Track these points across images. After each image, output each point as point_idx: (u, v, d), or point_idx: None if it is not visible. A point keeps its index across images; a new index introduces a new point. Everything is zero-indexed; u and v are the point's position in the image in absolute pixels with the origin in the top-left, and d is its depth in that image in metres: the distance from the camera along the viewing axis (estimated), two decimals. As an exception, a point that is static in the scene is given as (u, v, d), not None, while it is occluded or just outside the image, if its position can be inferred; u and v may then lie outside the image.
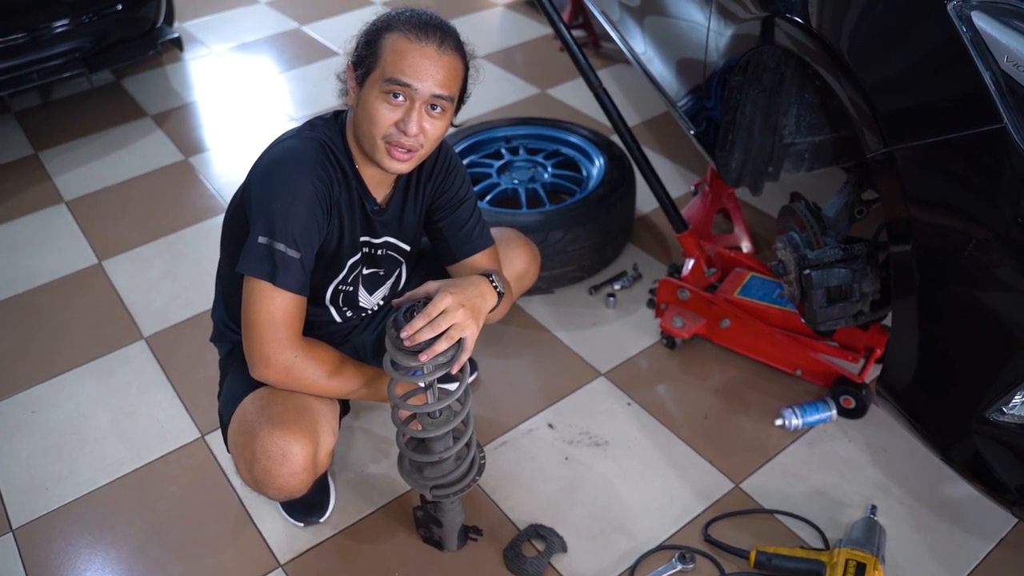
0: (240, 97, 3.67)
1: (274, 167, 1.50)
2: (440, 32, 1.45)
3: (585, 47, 3.86)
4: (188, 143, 3.32)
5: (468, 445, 1.64)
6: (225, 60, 3.98)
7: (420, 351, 1.42)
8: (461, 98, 1.55)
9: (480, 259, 1.74)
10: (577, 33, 3.89)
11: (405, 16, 1.45)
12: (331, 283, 1.66)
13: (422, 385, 1.52)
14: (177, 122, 3.48)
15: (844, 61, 1.48)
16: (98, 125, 3.46)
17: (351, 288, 1.69)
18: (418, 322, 1.41)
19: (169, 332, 2.40)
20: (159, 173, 3.14)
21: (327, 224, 1.54)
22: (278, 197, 1.47)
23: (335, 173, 1.54)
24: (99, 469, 2.01)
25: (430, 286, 1.49)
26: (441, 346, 1.42)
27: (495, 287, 1.59)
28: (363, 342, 1.84)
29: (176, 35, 3.62)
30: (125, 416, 2.15)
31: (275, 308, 1.48)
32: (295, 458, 1.51)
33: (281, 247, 1.45)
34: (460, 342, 1.46)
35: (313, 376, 1.55)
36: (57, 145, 3.34)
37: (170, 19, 3.67)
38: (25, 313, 2.51)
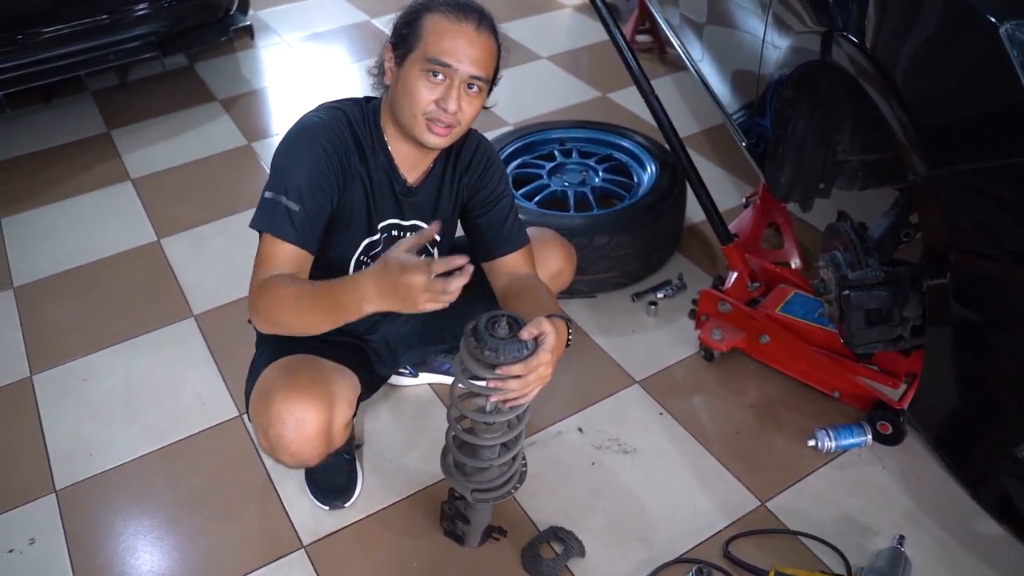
0: (307, 86, 3.75)
1: (291, 136, 1.58)
2: (478, 14, 1.50)
3: (651, 52, 3.84)
4: (252, 129, 3.41)
5: (515, 456, 1.64)
6: (295, 49, 4.07)
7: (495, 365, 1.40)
8: (494, 80, 1.58)
9: (516, 258, 1.75)
10: (643, 38, 3.88)
11: None
12: (352, 256, 1.70)
13: (486, 398, 1.50)
14: (244, 108, 3.57)
15: (894, 81, 1.45)
16: (168, 107, 3.58)
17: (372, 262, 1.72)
18: (516, 369, 1.39)
19: (218, 312, 2.47)
20: (222, 156, 3.23)
21: (341, 188, 1.57)
22: (286, 157, 1.54)
23: (353, 144, 1.58)
24: (140, 440, 2.08)
25: (545, 326, 1.43)
26: (511, 395, 1.42)
27: (569, 338, 1.58)
28: (393, 332, 1.87)
29: (248, 23, 3.72)
30: (169, 390, 2.22)
31: (268, 255, 1.51)
32: (308, 425, 1.55)
33: (283, 199, 1.50)
34: None
35: (279, 297, 1.48)
36: (128, 124, 3.47)
37: (244, 8, 3.77)
38: (85, 284, 2.62)
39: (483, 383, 1.41)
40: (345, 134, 1.57)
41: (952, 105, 1.37)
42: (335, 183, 1.56)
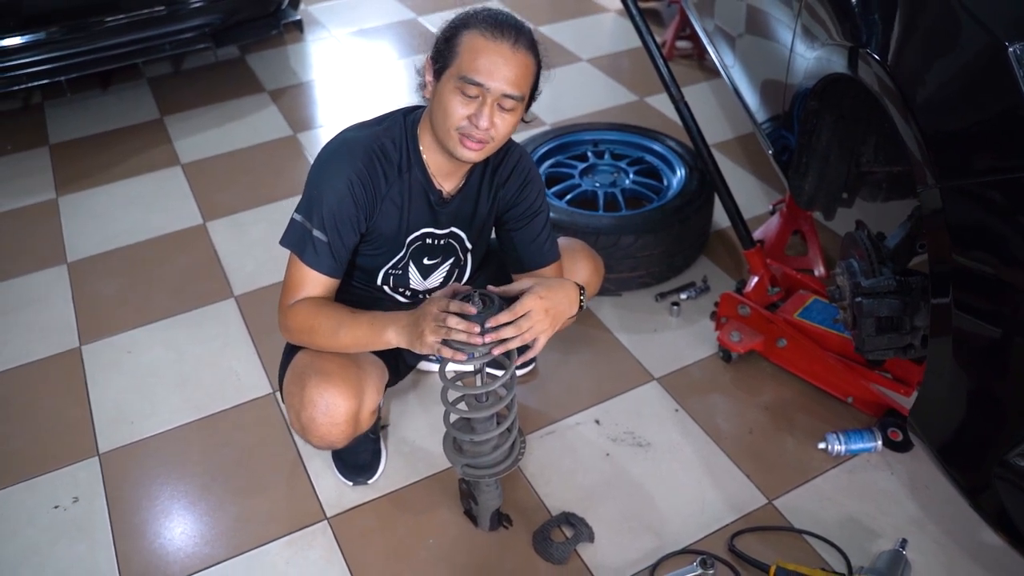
0: (353, 80, 3.86)
1: (325, 156, 1.64)
2: (514, 31, 1.51)
3: (690, 58, 3.89)
4: (298, 120, 3.52)
5: (509, 430, 1.71)
6: (344, 44, 4.19)
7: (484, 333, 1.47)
8: (532, 95, 1.60)
9: (546, 272, 1.82)
10: (683, 44, 3.93)
11: (482, 15, 1.53)
12: (383, 266, 1.78)
13: (472, 368, 1.60)
14: (291, 99, 3.69)
15: (909, 97, 1.49)
16: (219, 96, 3.72)
17: (400, 272, 1.81)
18: (503, 317, 1.48)
19: (257, 294, 2.58)
20: (268, 146, 3.36)
21: (368, 215, 1.64)
22: (317, 184, 1.61)
23: (388, 168, 1.63)
24: (179, 410, 2.20)
25: (524, 284, 1.56)
26: (514, 343, 1.50)
27: (581, 301, 1.65)
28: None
29: (298, 18, 3.84)
30: (208, 366, 2.34)
31: (298, 280, 1.65)
32: (337, 410, 1.64)
33: (312, 228, 1.60)
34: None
35: (316, 318, 1.63)
36: (180, 111, 3.61)
37: (295, 2, 3.88)
38: (133, 263, 2.75)
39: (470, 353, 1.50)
40: (376, 158, 1.62)
41: (962, 122, 1.41)
42: (363, 214, 1.63)
